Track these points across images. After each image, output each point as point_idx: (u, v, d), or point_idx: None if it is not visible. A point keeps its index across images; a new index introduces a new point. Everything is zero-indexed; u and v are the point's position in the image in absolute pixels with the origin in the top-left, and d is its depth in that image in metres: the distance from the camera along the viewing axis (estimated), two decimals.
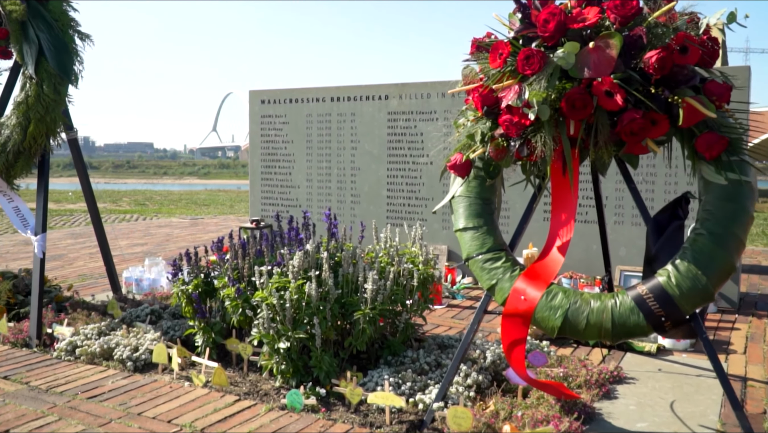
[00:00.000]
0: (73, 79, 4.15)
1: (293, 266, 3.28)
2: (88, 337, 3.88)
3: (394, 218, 6.26)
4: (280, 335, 3.22)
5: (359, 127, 6.37)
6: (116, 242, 8.43)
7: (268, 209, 6.95)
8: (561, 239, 2.86)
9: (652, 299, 2.54)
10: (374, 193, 6.35)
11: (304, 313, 3.21)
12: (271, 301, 3.21)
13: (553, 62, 2.59)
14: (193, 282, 3.68)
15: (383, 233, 4.03)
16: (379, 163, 6.30)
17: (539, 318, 2.71)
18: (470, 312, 4.86)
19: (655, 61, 2.47)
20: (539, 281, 2.77)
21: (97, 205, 4.90)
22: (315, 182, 6.66)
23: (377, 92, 6.25)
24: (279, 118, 6.82)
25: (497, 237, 2.93)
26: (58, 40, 4.08)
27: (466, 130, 2.96)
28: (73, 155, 4.73)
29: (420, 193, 6.12)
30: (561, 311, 2.67)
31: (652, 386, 3.36)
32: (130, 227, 10.61)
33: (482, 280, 2.90)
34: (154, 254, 7.49)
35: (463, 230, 2.98)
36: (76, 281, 5.96)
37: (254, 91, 7.00)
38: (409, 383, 3.12)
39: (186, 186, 41.53)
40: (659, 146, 2.68)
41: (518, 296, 2.76)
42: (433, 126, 5.99)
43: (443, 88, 5.92)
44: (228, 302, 3.48)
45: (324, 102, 6.54)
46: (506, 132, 2.73)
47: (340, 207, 6.52)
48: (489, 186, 3.01)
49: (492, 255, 2.88)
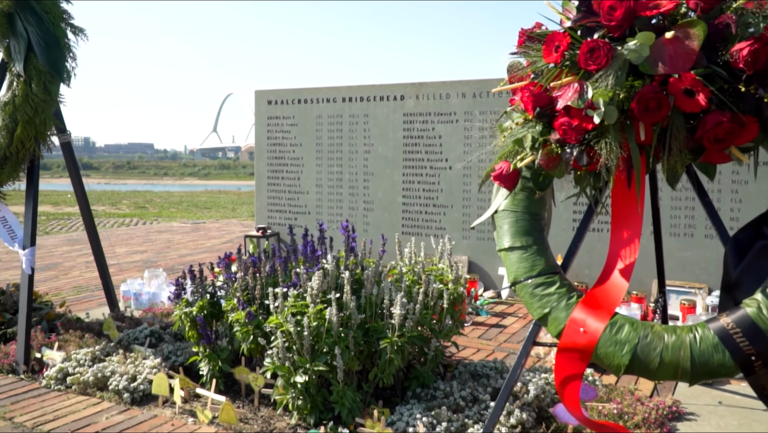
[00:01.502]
0: (65, 77, 3.77)
1: (312, 288, 2.89)
2: (80, 363, 3.50)
3: (410, 226, 5.88)
4: (296, 367, 2.83)
5: (373, 130, 5.99)
6: (113, 250, 8.05)
7: (275, 216, 6.56)
8: (624, 260, 2.47)
9: (739, 334, 2.16)
10: (389, 200, 5.97)
11: (324, 342, 2.83)
12: (287, 328, 2.83)
13: (622, 56, 2.21)
14: (197, 304, 3.29)
15: (407, 248, 3.64)
16: (394, 167, 5.91)
17: (602, 354, 2.33)
18: (497, 331, 4.47)
19: (747, 54, 2.08)
20: (601, 311, 2.38)
21: (92, 213, 4.52)
22: (325, 188, 6.28)
23: (392, 92, 5.87)
24: (287, 120, 6.44)
25: (549, 258, 2.54)
26: (48, 35, 3.70)
27: (513, 135, 2.57)
28: (66, 160, 4.34)
29: (438, 200, 5.73)
30: (629, 346, 2.28)
31: (716, 423, 2.97)
32: (129, 232, 10.23)
33: (532, 308, 2.51)
34: (154, 263, 7.11)
35: (509, 250, 2.59)
36: (71, 294, 5.57)
37: (260, 91, 6.62)
38: (444, 424, 2.73)
39: (186, 187, 41.32)
40: (744, 154, 2.30)
41: (576, 328, 2.38)
42: (452, 128, 5.61)
43: (464, 88, 5.54)
44: (237, 327, 3.09)
45: (335, 102, 6.15)
46: (563, 137, 2.34)
47: (352, 215, 6.14)
48: (538, 199, 2.62)
49: (544, 279, 2.49)
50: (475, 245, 5.55)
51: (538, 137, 2.47)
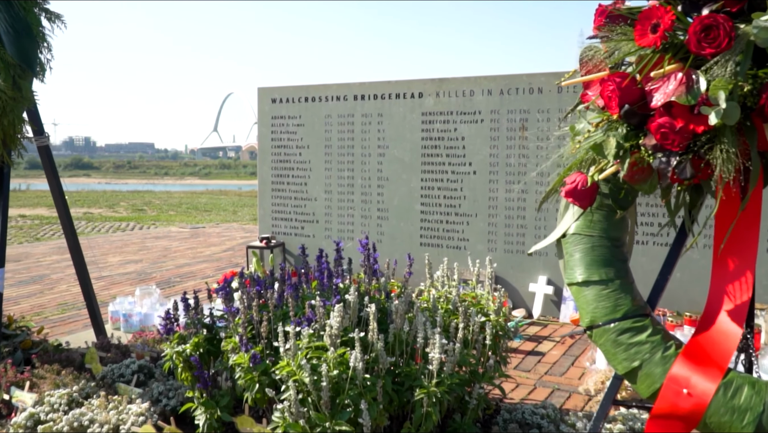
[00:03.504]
0: (39, 71, 3.25)
1: (331, 327, 2.36)
2: (54, 408, 2.96)
3: (428, 237, 5.34)
4: (313, 426, 2.30)
5: (388, 130, 5.45)
6: (105, 259, 7.53)
7: (280, 225, 6.03)
8: (733, 298, 1.93)
9: None
10: (405, 207, 5.43)
11: (348, 393, 2.30)
12: (301, 377, 2.29)
13: (745, 37, 1.68)
14: (192, 341, 2.76)
15: (440, 270, 3.11)
16: (412, 172, 5.37)
17: (714, 423, 1.79)
18: (534, 360, 3.93)
19: None
20: (710, 367, 1.84)
21: (73, 224, 3.98)
22: (335, 194, 5.74)
23: (410, 89, 5.33)
24: (293, 120, 5.90)
25: (636, 296, 2.01)
26: (18, 21, 3.17)
27: (590, 140, 2.03)
28: (44, 165, 3.81)
29: (460, 208, 5.19)
30: (751, 415, 1.75)
31: None
32: (124, 238, 9.69)
33: (615, 360, 1.97)
34: (149, 275, 6.57)
35: (584, 285, 2.05)
36: (54, 313, 5.04)
37: (264, 89, 6.08)
38: None
39: (187, 186, 41.04)
40: None
41: (678, 389, 1.84)
42: (476, 129, 5.07)
43: (490, 84, 5.00)
44: (240, 373, 2.56)
45: (346, 101, 5.61)
46: (662, 143, 1.80)
47: (364, 224, 5.60)
48: (618, 220, 2.08)
49: (631, 323, 1.95)
50: (503, 257, 5.01)
51: (623, 143, 1.94)
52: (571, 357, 3.98)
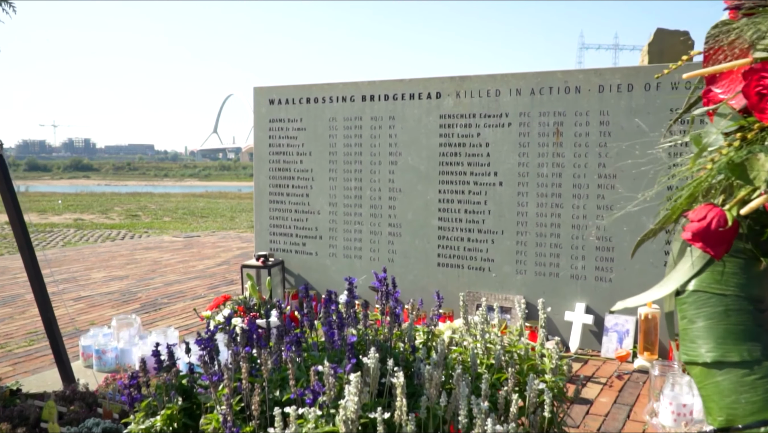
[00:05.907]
0: None
1: (346, 408, 1.73)
2: None
3: (447, 256, 4.71)
4: None
5: (400, 135, 4.83)
6: (89, 275, 6.89)
7: (279, 241, 5.40)
8: None
9: None
10: (421, 222, 4.80)
11: None
12: None
13: None
14: (164, 412, 2.13)
15: (478, 313, 2.48)
16: (428, 183, 4.75)
17: None
18: (582, 409, 3.31)
19: None
20: None
21: (33, 250, 3.36)
22: (340, 207, 5.11)
23: (426, 88, 4.71)
24: (293, 123, 5.28)
25: None
26: None
27: (726, 158, 1.40)
28: None
29: (484, 223, 4.57)
30: None
31: None
32: (112, 250, 9.06)
33: None
34: (134, 294, 5.94)
35: (716, 367, 1.42)
36: (22, 345, 4.42)
37: (260, 89, 5.46)
38: None
39: (186, 188, 40.66)
40: None
41: None
42: (503, 134, 4.44)
43: (518, 83, 4.38)
44: None
45: (353, 102, 4.99)
46: None
47: (373, 241, 4.98)
48: (762, 273, 1.46)
49: None
50: (533, 281, 4.39)
51: None
52: (624, 407, 3.36)
